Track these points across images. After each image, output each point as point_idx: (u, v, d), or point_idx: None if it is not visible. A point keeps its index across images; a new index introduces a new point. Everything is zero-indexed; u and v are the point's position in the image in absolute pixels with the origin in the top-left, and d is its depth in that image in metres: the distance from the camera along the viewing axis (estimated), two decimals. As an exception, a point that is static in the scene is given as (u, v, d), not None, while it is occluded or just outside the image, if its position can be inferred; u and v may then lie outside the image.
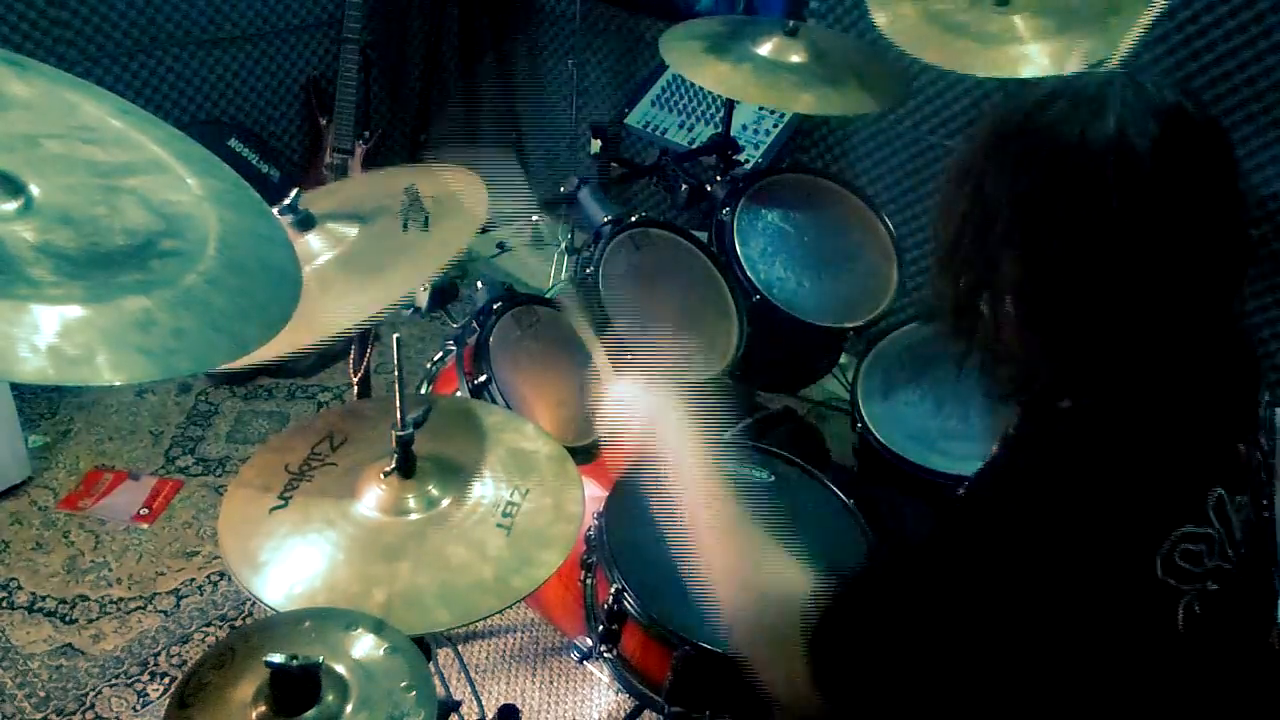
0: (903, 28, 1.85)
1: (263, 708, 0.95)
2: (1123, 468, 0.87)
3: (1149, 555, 0.85)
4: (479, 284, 1.82)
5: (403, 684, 1.00)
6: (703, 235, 2.11)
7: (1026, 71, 1.73)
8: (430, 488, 1.27)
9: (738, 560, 1.06)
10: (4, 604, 2.19)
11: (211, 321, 0.80)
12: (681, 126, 2.92)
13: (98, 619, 2.18)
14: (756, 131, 2.80)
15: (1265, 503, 0.97)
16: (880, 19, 1.88)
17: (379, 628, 1.06)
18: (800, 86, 2.02)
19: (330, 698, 0.96)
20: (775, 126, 2.81)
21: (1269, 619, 0.96)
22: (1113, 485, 0.86)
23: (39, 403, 2.74)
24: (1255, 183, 2.19)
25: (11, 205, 0.77)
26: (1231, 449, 0.93)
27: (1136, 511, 0.86)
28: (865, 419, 1.85)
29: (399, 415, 1.22)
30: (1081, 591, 0.84)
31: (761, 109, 2.82)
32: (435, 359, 1.91)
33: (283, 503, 1.25)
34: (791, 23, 2.10)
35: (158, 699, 2.03)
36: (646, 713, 1.67)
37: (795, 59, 2.07)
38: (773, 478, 1.67)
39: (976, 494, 0.96)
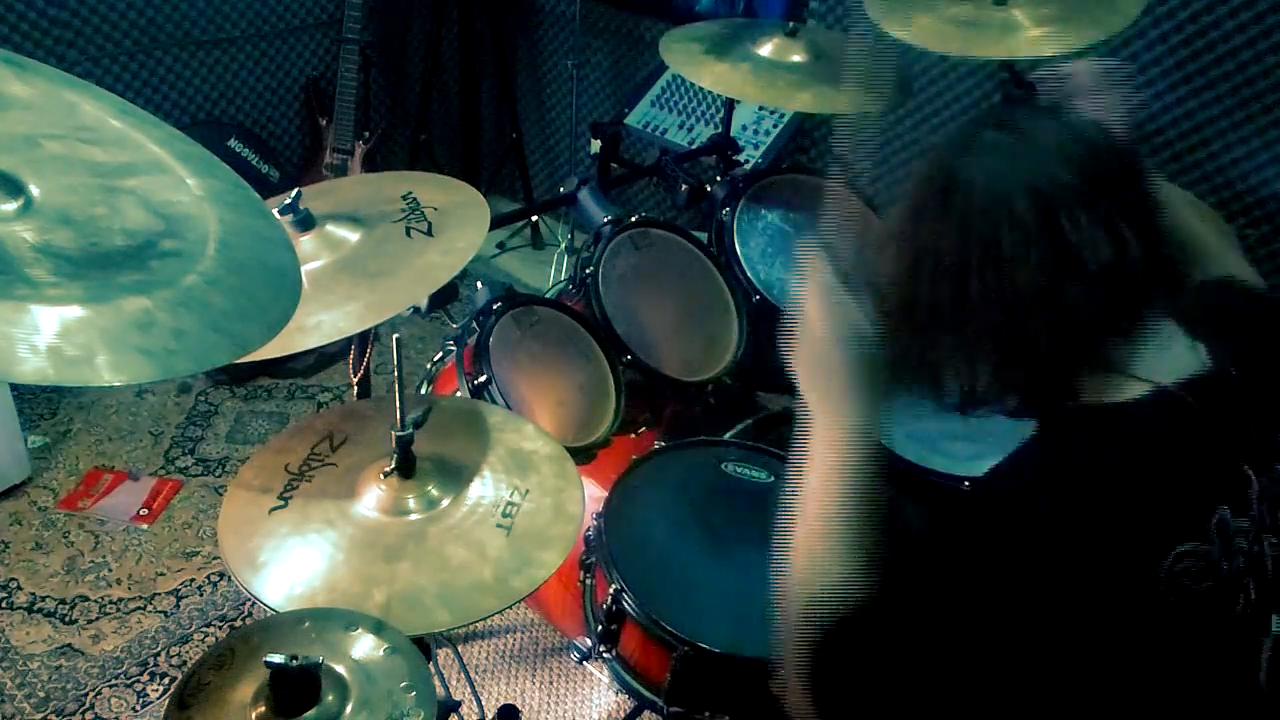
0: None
1: (262, 708, 0.95)
2: (1135, 480, 0.87)
3: (1152, 568, 0.85)
4: (479, 284, 1.81)
5: (402, 684, 1.00)
6: (703, 235, 2.10)
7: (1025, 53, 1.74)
8: (430, 488, 1.27)
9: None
10: (4, 604, 2.19)
11: (211, 322, 0.80)
12: (681, 127, 2.92)
13: (97, 619, 2.18)
14: (756, 132, 2.80)
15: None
16: (874, 12, 1.89)
17: (379, 628, 1.06)
18: (799, 85, 2.01)
19: (330, 698, 0.96)
20: (775, 127, 2.81)
21: (1255, 653, 0.93)
22: (1123, 497, 0.87)
23: (39, 403, 2.74)
24: (1254, 183, 2.18)
25: (11, 205, 0.77)
26: (1237, 470, 0.91)
27: (1144, 523, 0.86)
28: (865, 419, 1.84)
29: (399, 415, 1.22)
30: (1084, 596, 0.84)
31: (761, 109, 2.82)
32: (435, 359, 1.91)
33: (282, 503, 1.25)
34: (791, 24, 2.10)
35: (157, 699, 2.03)
36: (646, 713, 1.66)
37: (795, 59, 2.06)
38: (773, 478, 1.66)
39: (992, 494, 0.96)
